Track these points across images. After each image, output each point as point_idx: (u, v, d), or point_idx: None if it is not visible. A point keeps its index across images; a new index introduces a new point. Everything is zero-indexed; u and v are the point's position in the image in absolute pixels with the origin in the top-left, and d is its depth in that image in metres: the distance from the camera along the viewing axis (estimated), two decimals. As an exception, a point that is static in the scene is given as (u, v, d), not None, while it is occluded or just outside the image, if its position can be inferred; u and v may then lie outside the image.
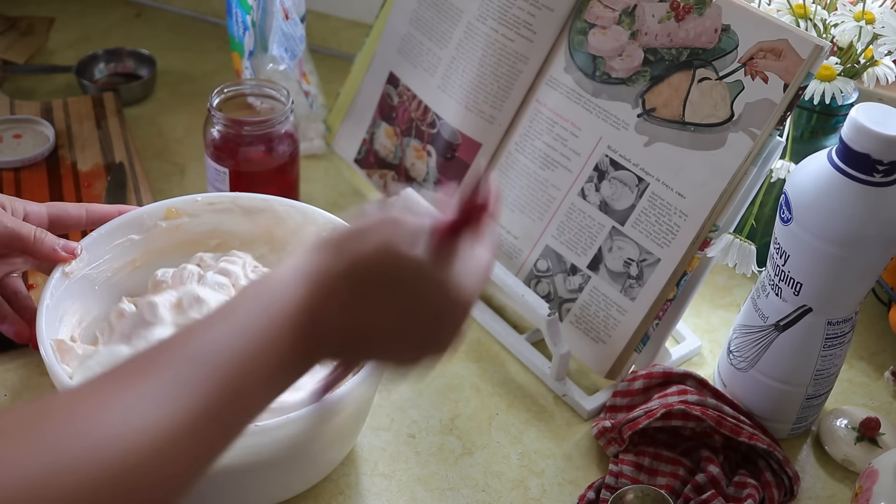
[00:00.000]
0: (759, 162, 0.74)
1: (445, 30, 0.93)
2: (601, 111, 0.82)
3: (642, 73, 0.80)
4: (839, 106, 0.84)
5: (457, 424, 0.79)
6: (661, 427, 0.75)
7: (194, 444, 0.45)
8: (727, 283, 0.95)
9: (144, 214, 0.79)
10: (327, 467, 0.72)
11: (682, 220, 0.77)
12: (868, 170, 0.66)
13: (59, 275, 0.72)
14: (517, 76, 0.88)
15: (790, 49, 0.72)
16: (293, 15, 0.99)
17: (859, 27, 0.80)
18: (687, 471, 0.73)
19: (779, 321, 0.74)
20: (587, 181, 0.83)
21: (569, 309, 0.84)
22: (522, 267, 0.87)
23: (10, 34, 1.21)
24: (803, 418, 0.78)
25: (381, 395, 0.80)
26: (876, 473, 0.69)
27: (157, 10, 1.33)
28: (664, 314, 0.79)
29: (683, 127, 0.77)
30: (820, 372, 0.75)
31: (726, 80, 0.75)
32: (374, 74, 1.00)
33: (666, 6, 0.79)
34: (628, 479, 0.72)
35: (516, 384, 0.83)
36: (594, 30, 0.83)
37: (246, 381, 0.47)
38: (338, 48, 1.24)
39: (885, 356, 0.89)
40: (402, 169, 0.98)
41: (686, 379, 0.78)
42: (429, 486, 0.74)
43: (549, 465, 0.76)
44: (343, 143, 1.04)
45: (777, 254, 0.72)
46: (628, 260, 0.80)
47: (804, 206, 0.69)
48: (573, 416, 0.81)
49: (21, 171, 0.99)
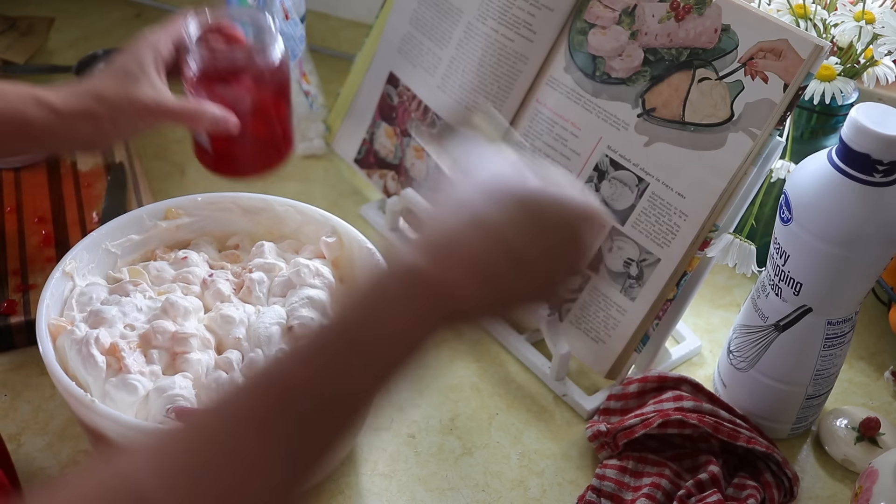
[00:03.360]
0: (759, 162, 0.74)
1: (445, 30, 0.93)
2: (601, 111, 0.82)
3: (642, 73, 0.80)
4: (839, 106, 0.84)
5: (457, 424, 0.79)
6: (652, 434, 0.75)
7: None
8: (727, 283, 0.95)
9: (144, 214, 0.79)
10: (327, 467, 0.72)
11: (682, 220, 0.77)
12: (868, 170, 0.66)
13: (60, 275, 0.72)
14: (517, 76, 0.88)
15: (790, 49, 0.72)
16: (293, 15, 0.99)
17: (859, 27, 0.80)
18: (673, 473, 0.73)
19: (779, 321, 0.74)
20: (587, 181, 0.83)
21: (569, 309, 0.83)
22: (522, 267, 0.87)
23: (10, 34, 1.21)
24: (803, 418, 0.78)
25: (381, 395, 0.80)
26: (876, 473, 0.69)
27: (158, 10, 1.33)
28: (664, 314, 0.79)
29: (683, 127, 0.77)
30: (820, 372, 0.75)
31: (726, 80, 0.75)
32: (374, 74, 1.00)
33: (666, 6, 0.79)
34: (612, 482, 0.72)
35: (516, 384, 0.83)
36: (594, 30, 0.83)
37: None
38: (338, 48, 1.24)
39: (885, 356, 0.89)
40: (402, 169, 0.98)
41: (681, 384, 0.78)
42: (429, 486, 0.74)
43: (548, 465, 0.76)
44: (343, 143, 1.04)
45: (777, 254, 0.72)
46: (628, 260, 0.80)
47: (804, 206, 0.69)
48: (573, 416, 0.81)
49: (21, 171, 0.98)
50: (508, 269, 0.50)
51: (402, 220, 0.98)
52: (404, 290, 0.48)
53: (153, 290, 0.74)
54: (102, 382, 0.66)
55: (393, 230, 0.97)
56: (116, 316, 0.70)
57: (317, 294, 0.74)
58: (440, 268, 0.48)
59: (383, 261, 0.50)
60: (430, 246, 0.49)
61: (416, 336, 0.48)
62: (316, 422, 0.45)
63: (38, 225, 0.92)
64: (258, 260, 0.77)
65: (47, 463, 0.73)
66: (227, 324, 0.71)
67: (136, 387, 0.66)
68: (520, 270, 0.50)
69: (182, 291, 0.74)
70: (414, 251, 0.49)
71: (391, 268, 0.49)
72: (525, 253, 0.50)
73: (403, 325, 0.47)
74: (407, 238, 0.50)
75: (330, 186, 1.04)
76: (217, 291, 0.74)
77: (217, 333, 0.71)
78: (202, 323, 0.72)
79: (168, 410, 0.63)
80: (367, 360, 0.47)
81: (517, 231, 0.50)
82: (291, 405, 0.44)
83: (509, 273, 0.50)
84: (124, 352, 0.67)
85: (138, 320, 0.71)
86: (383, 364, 0.47)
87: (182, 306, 0.71)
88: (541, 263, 0.51)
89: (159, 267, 0.77)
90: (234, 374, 0.68)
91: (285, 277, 0.75)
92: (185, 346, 0.69)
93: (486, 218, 0.50)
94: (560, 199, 0.52)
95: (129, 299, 0.72)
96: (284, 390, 0.45)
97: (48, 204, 0.94)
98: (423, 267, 0.48)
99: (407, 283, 0.48)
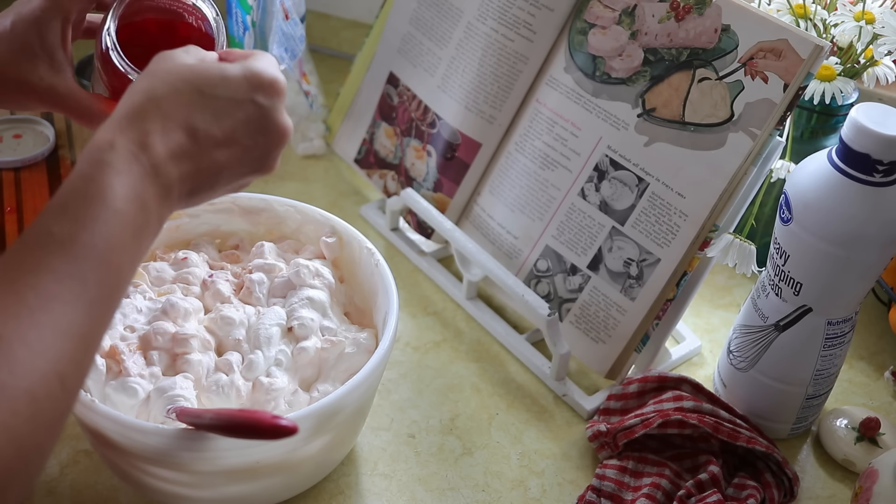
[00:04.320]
0: (759, 162, 0.74)
1: (445, 30, 0.93)
2: (601, 111, 0.82)
3: (642, 73, 0.80)
4: (839, 106, 0.84)
5: (457, 424, 0.79)
6: (652, 434, 0.75)
7: (89, 349, 0.46)
8: (727, 283, 0.95)
9: (144, 214, 0.79)
10: (327, 467, 0.72)
11: (682, 220, 0.77)
12: (868, 170, 0.66)
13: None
14: (517, 76, 0.88)
15: (790, 49, 0.72)
16: (293, 15, 0.99)
17: (859, 27, 0.80)
18: (673, 473, 0.73)
19: (779, 321, 0.74)
20: (587, 181, 0.83)
21: (569, 309, 0.84)
22: (522, 267, 0.87)
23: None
24: (803, 418, 0.78)
25: (381, 395, 0.80)
26: (876, 473, 0.69)
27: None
28: (664, 314, 0.79)
29: (683, 127, 0.77)
30: (820, 372, 0.75)
31: (726, 80, 0.75)
32: (374, 74, 1.00)
33: (666, 6, 0.79)
34: (612, 482, 0.72)
35: (516, 384, 0.83)
36: (594, 30, 0.83)
37: (122, 267, 0.48)
38: (338, 48, 1.24)
39: (885, 356, 0.89)
40: (402, 169, 0.98)
41: (681, 384, 0.78)
42: (429, 486, 0.74)
43: (549, 465, 0.76)
44: (343, 143, 1.04)
45: (777, 254, 0.72)
46: (628, 260, 0.80)
47: (804, 206, 0.69)
48: (573, 416, 0.81)
49: (21, 171, 0.98)
50: (192, 140, 0.52)
51: (402, 220, 0.98)
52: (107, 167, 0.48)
53: (153, 290, 0.74)
54: (102, 385, 0.66)
55: (393, 230, 0.98)
56: (116, 317, 0.70)
57: (317, 295, 0.74)
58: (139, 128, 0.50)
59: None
60: (121, 114, 0.51)
61: (129, 200, 0.49)
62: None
63: (38, 225, 0.91)
64: (258, 261, 0.77)
65: (47, 462, 0.73)
66: (227, 325, 0.71)
67: (136, 389, 0.66)
68: (208, 146, 0.53)
69: (182, 292, 0.74)
70: (105, 127, 0.50)
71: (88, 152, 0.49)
72: (208, 128, 0.52)
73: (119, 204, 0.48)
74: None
75: (330, 186, 1.04)
76: (217, 292, 0.74)
77: (217, 335, 0.71)
78: (202, 324, 0.72)
79: (168, 411, 0.63)
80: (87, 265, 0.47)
81: (198, 115, 0.52)
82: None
83: (198, 150, 0.52)
84: (124, 354, 0.67)
85: (138, 321, 0.71)
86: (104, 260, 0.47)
87: (182, 307, 0.71)
88: (229, 138, 0.53)
89: (159, 267, 0.77)
90: (235, 377, 0.68)
91: (285, 278, 0.75)
92: (185, 347, 0.69)
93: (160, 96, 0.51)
94: (224, 73, 0.53)
95: (128, 300, 0.72)
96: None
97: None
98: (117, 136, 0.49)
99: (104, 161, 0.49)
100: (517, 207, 0.88)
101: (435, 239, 0.96)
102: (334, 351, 0.71)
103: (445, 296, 0.92)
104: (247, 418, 0.58)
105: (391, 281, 0.73)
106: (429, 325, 0.89)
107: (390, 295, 0.71)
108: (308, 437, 0.64)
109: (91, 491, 0.71)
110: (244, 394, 0.68)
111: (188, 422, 0.61)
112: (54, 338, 0.44)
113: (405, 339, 0.87)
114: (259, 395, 0.67)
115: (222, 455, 0.61)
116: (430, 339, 0.87)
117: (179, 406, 0.64)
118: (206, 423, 0.60)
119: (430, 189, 0.95)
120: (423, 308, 0.90)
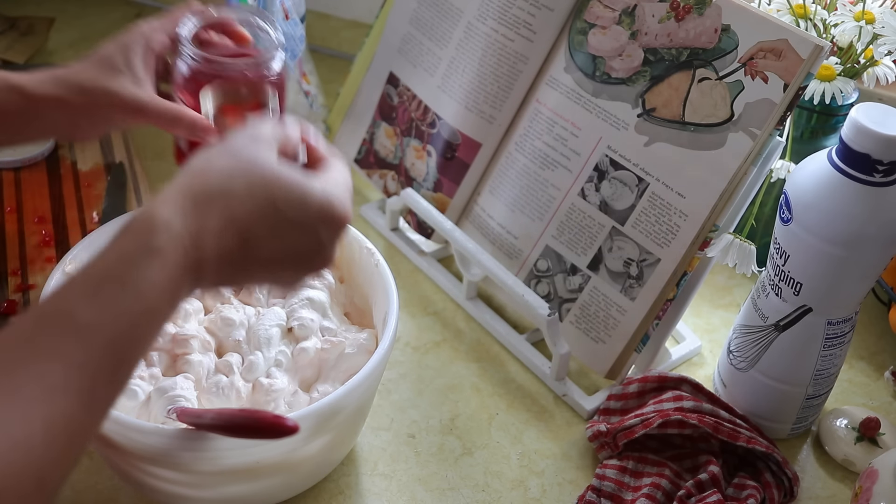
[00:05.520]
0: (759, 162, 0.74)
1: (445, 30, 0.93)
2: (601, 111, 0.82)
3: (642, 73, 0.80)
4: (839, 106, 0.84)
5: (457, 424, 0.79)
6: (652, 434, 0.75)
7: (79, 449, 0.44)
8: (727, 283, 0.95)
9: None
10: (327, 467, 0.72)
11: (682, 220, 0.77)
12: (868, 170, 0.66)
13: (60, 275, 0.72)
14: (517, 76, 0.88)
15: (790, 49, 0.72)
16: (293, 15, 0.99)
17: (859, 27, 0.80)
18: (673, 473, 0.73)
19: (779, 321, 0.74)
20: (587, 181, 0.83)
21: (569, 309, 0.84)
22: (522, 267, 0.87)
23: (10, 34, 1.21)
24: (803, 418, 0.78)
25: (381, 395, 0.80)
26: (876, 473, 0.69)
27: (158, 10, 1.33)
28: (664, 314, 0.79)
29: (683, 127, 0.77)
30: (820, 372, 0.75)
31: (726, 80, 0.75)
32: (374, 74, 1.00)
33: (666, 6, 0.79)
34: (612, 482, 0.72)
35: (516, 384, 0.83)
36: (594, 30, 0.83)
37: (136, 344, 0.46)
38: (338, 48, 1.24)
39: (885, 356, 0.89)
40: (402, 169, 0.98)
41: (681, 384, 0.78)
42: (429, 486, 0.74)
43: (548, 465, 0.76)
44: (343, 143, 1.04)
45: (777, 254, 0.72)
46: (628, 260, 0.80)
47: (804, 206, 0.69)
48: (573, 416, 0.81)
49: (21, 171, 0.99)
50: (243, 250, 0.51)
51: (402, 220, 0.98)
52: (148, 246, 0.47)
53: None
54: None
55: (393, 230, 0.98)
56: None
57: (317, 295, 0.74)
58: (196, 216, 0.49)
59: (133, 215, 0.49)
60: (189, 193, 0.50)
61: (163, 294, 0.47)
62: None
63: (38, 225, 0.92)
64: (258, 260, 0.77)
65: None
66: (227, 326, 0.71)
67: (136, 391, 0.66)
68: (255, 258, 0.52)
69: None
70: (168, 200, 0.49)
71: (137, 222, 0.48)
72: (262, 243, 0.51)
73: (150, 285, 0.46)
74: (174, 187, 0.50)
75: (330, 186, 1.04)
76: (217, 293, 0.74)
77: (217, 336, 0.71)
78: (202, 325, 0.72)
79: (169, 411, 0.63)
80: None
81: (258, 220, 0.51)
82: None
83: (242, 259, 0.51)
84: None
85: None
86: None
87: (182, 308, 0.71)
88: (275, 258, 0.53)
89: None
90: (235, 378, 0.68)
91: (285, 278, 0.75)
92: (185, 347, 0.69)
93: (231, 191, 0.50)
94: (304, 196, 0.52)
95: None
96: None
97: (48, 204, 0.94)
98: (173, 218, 0.48)
99: (150, 239, 0.47)
100: (517, 207, 0.88)
101: (435, 239, 0.96)
102: (334, 351, 0.71)
103: (445, 296, 0.92)
104: (249, 417, 0.58)
105: (391, 281, 0.73)
106: (429, 325, 0.89)
107: (390, 295, 0.71)
108: (308, 437, 0.64)
109: (91, 491, 0.71)
110: (244, 395, 0.68)
111: (189, 422, 0.61)
112: (45, 435, 0.41)
113: (405, 339, 0.87)
114: (259, 396, 0.67)
115: (222, 455, 0.61)
116: (430, 339, 0.87)
117: (180, 406, 0.64)
118: (207, 423, 0.60)
119: (430, 189, 0.95)
120: (423, 308, 0.90)
